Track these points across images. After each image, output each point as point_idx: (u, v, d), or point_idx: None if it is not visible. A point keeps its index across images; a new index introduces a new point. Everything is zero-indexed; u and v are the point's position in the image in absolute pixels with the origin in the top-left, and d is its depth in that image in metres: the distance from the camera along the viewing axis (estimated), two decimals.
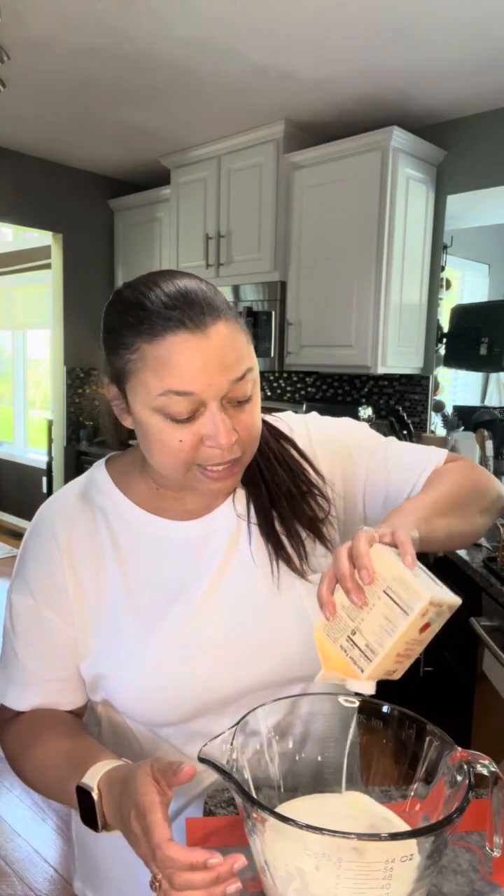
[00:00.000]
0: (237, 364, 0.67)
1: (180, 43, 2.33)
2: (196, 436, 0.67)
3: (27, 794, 2.27)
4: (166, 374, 0.65)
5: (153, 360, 0.65)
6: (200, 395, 0.65)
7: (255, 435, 0.71)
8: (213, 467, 0.69)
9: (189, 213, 3.42)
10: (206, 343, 0.64)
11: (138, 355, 0.66)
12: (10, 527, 5.63)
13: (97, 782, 0.62)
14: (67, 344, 3.91)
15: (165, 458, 0.69)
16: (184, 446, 0.67)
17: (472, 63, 2.38)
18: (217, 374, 0.65)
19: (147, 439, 0.70)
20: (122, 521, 0.78)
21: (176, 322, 0.64)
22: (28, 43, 2.37)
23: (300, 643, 0.75)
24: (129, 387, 0.68)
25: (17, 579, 0.79)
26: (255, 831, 0.54)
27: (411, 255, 2.82)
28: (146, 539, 0.77)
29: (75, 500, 0.80)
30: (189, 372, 0.64)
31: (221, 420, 0.66)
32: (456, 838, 0.67)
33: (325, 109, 2.85)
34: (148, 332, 0.65)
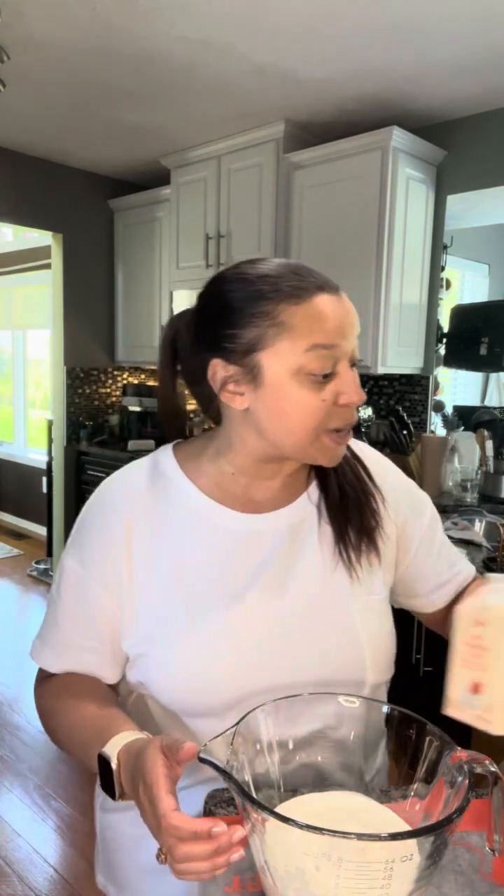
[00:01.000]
0: (357, 327, 0.74)
1: (180, 42, 2.33)
2: (334, 393, 0.71)
3: (27, 794, 2.27)
4: (316, 330, 0.70)
5: (300, 319, 0.70)
6: (339, 351, 0.71)
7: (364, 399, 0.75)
8: (338, 431, 0.73)
9: (189, 213, 3.42)
10: (343, 304, 0.72)
11: (281, 319, 0.70)
12: (10, 527, 5.64)
13: (117, 753, 0.64)
14: (67, 344, 3.91)
15: (301, 423, 0.72)
16: (323, 406, 0.71)
17: (472, 63, 2.38)
18: (350, 332, 0.72)
19: (282, 407, 0.72)
20: (185, 507, 0.79)
21: (316, 285, 0.71)
22: (28, 43, 2.37)
23: (347, 650, 0.77)
24: (267, 354, 0.71)
25: (72, 547, 0.82)
26: (254, 831, 0.54)
27: (411, 255, 2.82)
28: (208, 527, 0.78)
29: (141, 481, 0.81)
30: (334, 326, 0.70)
31: (353, 376, 0.73)
32: (456, 838, 0.67)
33: (325, 109, 2.85)
34: (292, 296, 0.71)
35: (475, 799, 0.71)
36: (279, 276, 0.72)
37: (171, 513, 0.79)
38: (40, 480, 5.11)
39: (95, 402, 4.11)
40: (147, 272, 3.85)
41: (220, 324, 0.74)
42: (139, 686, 0.80)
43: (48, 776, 2.37)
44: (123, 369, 4.24)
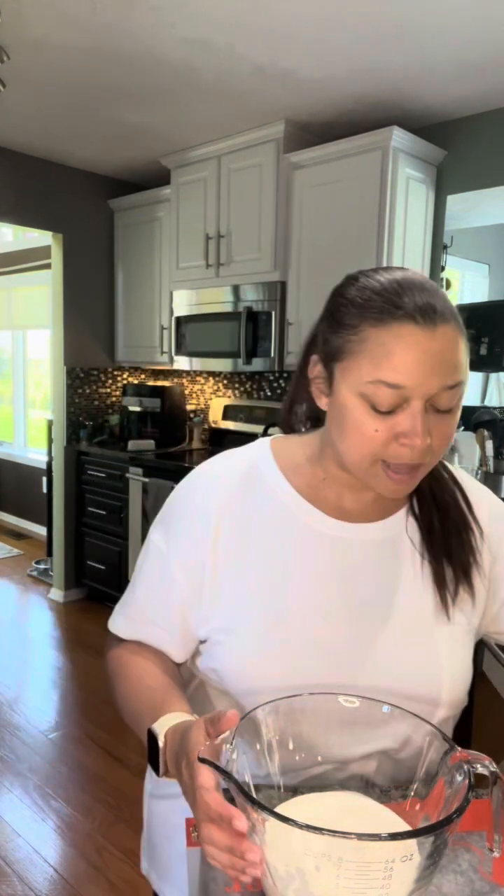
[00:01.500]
0: (454, 371, 0.66)
1: (180, 42, 2.33)
2: (392, 430, 0.67)
3: (27, 794, 2.27)
4: (384, 364, 0.65)
5: (374, 345, 0.65)
6: (409, 392, 0.65)
7: (445, 448, 0.71)
8: (398, 468, 0.69)
9: (189, 213, 3.42)
10: (431, 341, 0.64)
11: (360, 337, 0.67)
12: (11, 527, 5.64)
13: (165, 732, 0.65)
14: (67, 344, 3.91)
15: (355, 446, 0.69)
16: (378, 437, 0.67)
17: (472, 63, 2.38)
18: (432, 375, 0.65)
19: (343, 422, 0.70)
20: (277, 505, 0.79)
21: (406, 313, 0.65)
22: (28, 43, 2.37)
23: (427, 675, 0.76)
24: (341, 367, 0.69)
25: (160, 524, 0.83)
26: (254, 831, 0.54)
27: (411, 255, 2.82)
28: (298, 526, 0.78)
29: (236, 473, 0.81)
30: (406, 366, 0.64)
31: (422, 421, 0.66)
32: (456, 838, 0.67)
33: (325, 109, 2.85)
34: (375, 317, 0.66)
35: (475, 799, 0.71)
36: (380, 290, 0.67)
37: (262, 508, 0.78)
38: (40, 480, 5.11)
39: (95, 402, 4.11)
40: (147, 272, 3.85)
41: (323, 323, 0.74)
42: (209, 672, 0.81)
43: (48, 776, 2.37)
44: (123, 369, 4.24)
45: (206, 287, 3.40)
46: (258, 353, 3.16)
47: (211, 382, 4.04)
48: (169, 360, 3.70)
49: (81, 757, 2.49)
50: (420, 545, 0.78)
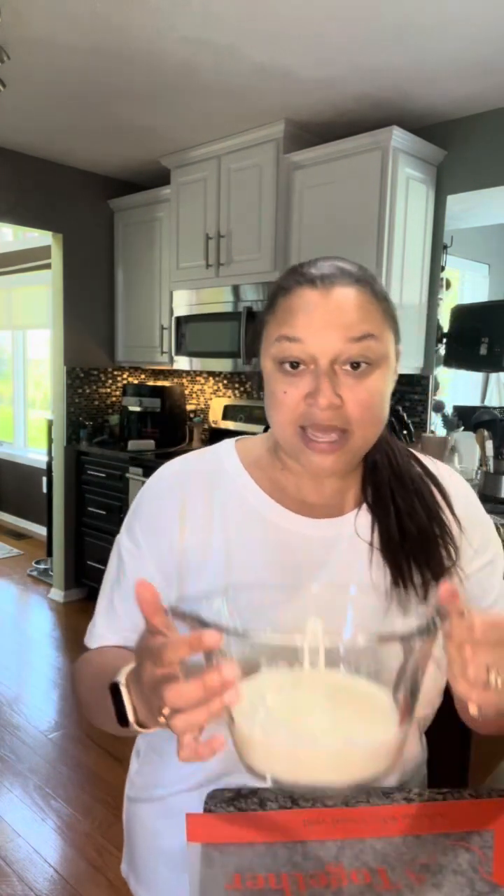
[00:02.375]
0: (356, 324, 0.68)
1: (180, 42, 2.33)
2: (300, 391, 0.69)
3: (27, 794, 2.27)
4: (283, 321, 0.70)
5: (280, 311, 0.72)
6: (310, 346, 0.68)
7: (368, 413, 0.70)
8: (315, 435, 0.70)
9: (189, 213, 3.42)
10: (325, 298, 0.69)
11: (272, 309, 0.73)
12: (10, 527, 5.64)
13: (124, 677, 0.62)
14: (67, 344, 3.91)
15: (275, 414, 0.72)
16: (287, 399, 0.70)
17: (472, 63, 2.38)
18: (329, 328, 0.68)
19: (266, 394, 0.74)
20: (240, 499, 0.79)
21: (308, 279, 0.70)
22: (28, 42, 2.37)
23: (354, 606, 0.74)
24: (263, 338, 0.75)
25: (126, 528, 0.83)
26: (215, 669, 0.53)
27: (411, 254, 2.82)
28: (259, 521, 0.78)
29: (199, 467, 0.82)
30: (302, 321, 0.69)
31: (326, 378, 0.68)
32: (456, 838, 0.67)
33: (325, 109, 2.85)
34: (283, 288, 0.72)
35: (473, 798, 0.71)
36: (294, 268, 0.73)
37: (225, 504, 0.79)
38: (40, 480, 5.11)
39: (95, 402, 4.11)
40: (147, 272, 3.85)
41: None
42: None
43: (48, 776, 2.37)
44: (123, 369, 4.24)
45: (206, 287, 3.40)
46: (258, 354, 3.15)
47: (211, 382, 4.04)
48: (169, 360, 3.70)
49: (81, 757, 2.49)
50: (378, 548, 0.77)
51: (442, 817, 0.69)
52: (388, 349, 0.72)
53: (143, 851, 0.88)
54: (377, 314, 0.71)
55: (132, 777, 0.92)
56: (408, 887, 0.60)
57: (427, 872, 0.63)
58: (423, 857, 0.64)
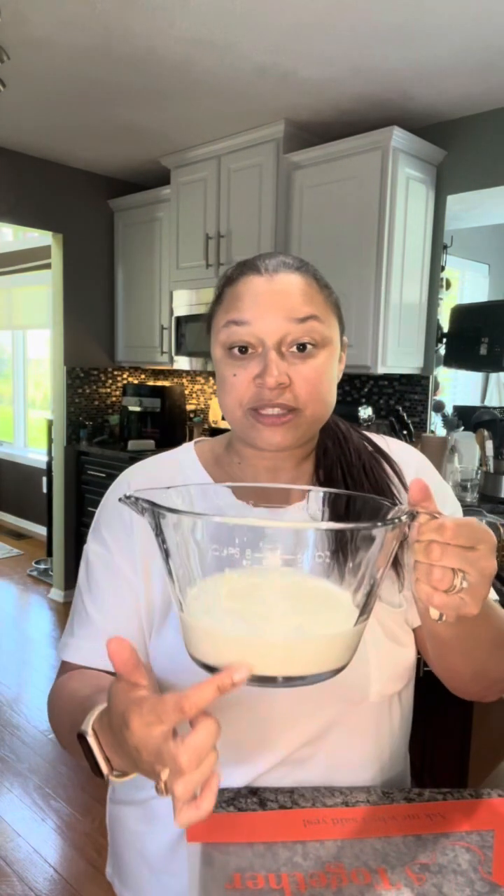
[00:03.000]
0: (300, 307, 0.72)
1: (180, 42, 2.33)
2: (249, 373, 0.72)
3: (27, 794, 2.27)
4: (230, 307, 0.73)
5: (228, 297, 0.75)
6: (257, 329, 0.71)
7: (315, 391, 0.73)
8: (264, 410, 0.72)
9: (189, 213, 3.42)
10: (270, 283, 0.72)
11: (220, 300, 0.76)
12: (10, 527, 5.64)
13: (91, 725, 0.58)
14: (67, 344, 3.91)
15: (225, 398, 0.74)
16: (238, 382, 0.72)
17: (472, 63, 2.38)
18: (275, 310, 0.71)
19: (217, 381, 0.76)
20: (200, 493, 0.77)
21: (254, 268, 0.74)
22: (28, 43, 2.37)
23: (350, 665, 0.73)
24: (211, 335, 0.77)
25: (93, 532, 0.83)
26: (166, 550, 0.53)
27: (411, 254, 2.82)
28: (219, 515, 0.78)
29: (161, 468, 0.84)
30: (247, 305, 0.72)
31: (273, 360, 0.71)
32: (456, 838, 0.67)
33: (325, 109, 2.85)
34: (230, 277, 0.76)
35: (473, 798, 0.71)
36: (241, 261, 0.77)
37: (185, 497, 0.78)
38: (40, 480, 5.11)
39: (95, 402, 4.11)
40: (147, 272, 3.85)
41: None
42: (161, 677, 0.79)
43: (48, 776, 2.37)
44: (123, 369, 4.24)
45: (206, 287, 3.40)
46: None
47: (211, 382, 4.04)
48: (169, 360, 3.70)
49: None
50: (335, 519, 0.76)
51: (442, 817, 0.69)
52: (332, 333, 0.75)
53: (127, 854, 0.89)
54: (320, 299, 0.75)
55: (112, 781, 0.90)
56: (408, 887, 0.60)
57: (427, 872, 0.62)
58: (423, 857, 0.64)
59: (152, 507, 0.52)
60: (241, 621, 0.52)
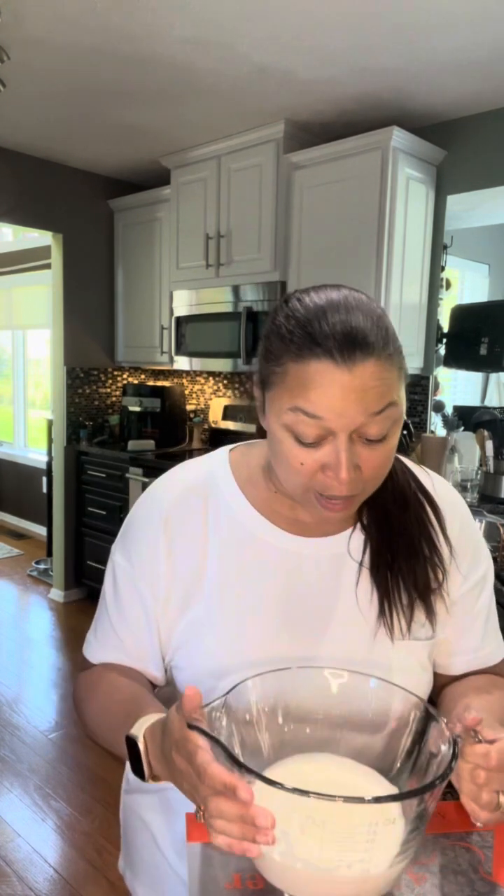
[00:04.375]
0: (378, 399, 0.64)
1: (180, 42, 2.33)
2: (317, 462, 0.66)
3: (27, 794, 2.27)
4: (298, 394, 0.64)
5: (293, 379, 0.65)
6: (329, 424, 0.64)
7: (381, 476, 0.70)
8: (329, 498, 0.68)
9: (189, 213, 3.42)
10: (348, 377, 0.63)
11: (283, 370, 0.66)
12: (10, 527, 5.64)
13: (143, 732, 0.64)
14: (67, 344, 3.91)
15: (285, 475, 0.70)
16: (304, 469, 0.67)
17: (472, 63, 2.38)
18: (352, 409, 0.64)
19: (275, 450, 0.70)
20: (232, 517, 0.78)
21: (324, 351, 0.63)
22: (28, 43, 2.37)
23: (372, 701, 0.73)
24: (270, 396, 0.69)
25: (120, 542, 0.83)
26: None
27: (411, 255, 2.82)
28: (251, 540, 0.77)
29: (190, 482, 0.81)
30: (324, 402, 0.63)
31: (346, 454, 0.65)
32: (456, 838, 0.67)
33: (325, 109, 2.85)
34: (295, 352, 0.65)
35: None
36: (302, 321, 0.65)
37: (217, 520, 0.78)
38: (40, 480, 5.11)
39: (95, 402, 4.11)
40: (147, 272, 3.85)
41: (261, 347, 0.72)
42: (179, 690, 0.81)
43: (48, 776, 2.37)
44: (123, 369, 4.24)
45: (206, 287, 3.40)
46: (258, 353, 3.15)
47: (211, 382, 4.04)
48: (169, 360, 3.70)
49: (81, 757, 2.49)
50: (368, 567, 0.76)
51: (442, 817, 0.69)
52: (404, 405, 0.69)
53: (139, 845, 0.88)
54: (395, 380, 0.66)
55: (127, 772, 0.92)
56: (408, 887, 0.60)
57: (427, 872, 0.63)
58: (423, 857, 0.64)
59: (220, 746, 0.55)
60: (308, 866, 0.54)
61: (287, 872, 0.55)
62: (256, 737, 0.66)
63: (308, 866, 0.53)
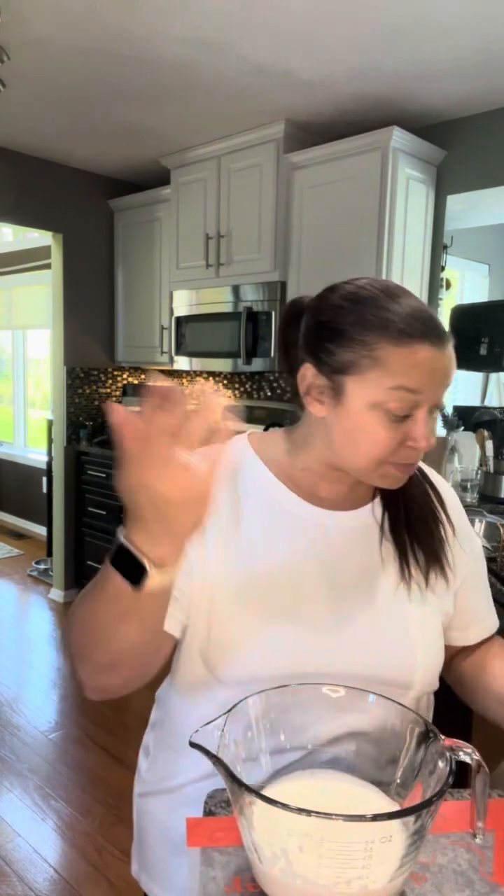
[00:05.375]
0: (451, 376, 0.77)
1: (180, 42, 2.33)
2: (403, 435, 0.74)
3: (27, 794, 2.27)
4: (402, 374, 0.72)
5: (395, 358, 0.72)
6: (422, 397, 0.73)
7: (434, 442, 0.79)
8: (407, 465, 0.77)
9: (189, 213, 3.42)
10: (443, 358, 0.74)
11: (378, 353, 0.73)
12: (10, 527, 5.64)
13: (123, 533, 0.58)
14: (67, 344, 3.91)
15: (366, 452, 0.75)
16: (390, 443, 0.74)
17: (472, 63, 2.38)
18: (441, 385, 0.75)
19: (353, 431, 0.76)
20: (257, 489, 0.83)
21: (421, 334, 0.73)
22: (28, 43, 2.37)
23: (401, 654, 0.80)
24: (353, 379, 0.74)
25: None
26: (243, 814, 0.55)
27: (411, 255, 2.82)
28: (277, 509, 0.82)
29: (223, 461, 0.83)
30: (426, 376, 0.73)
31: (427, 426, 0.75)
32: (456, 838, 0.67)
33: (325, 109, 2.85)
34: (394, 336, 0.72)
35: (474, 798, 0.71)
36: (398, 313, 0.73)
37: (247, 494, 0.82)
38: (40, 480, 5.11)
39: (95, 402, 4.11)
40: (147, 272, 3.85)
41: (322, 336, 0.77)
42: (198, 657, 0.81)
43: (48, 776, 2.37)
44: (123, 369, 4.24)
45: (206, 287, 3.40)
46: (258, 353, 3.16)
47: (211, 382, 4.04)
48: (169, 360, 3.70)
49: (81, 757, 2.49)
50: (389, 533, 0.84)
51: (442, 817, 0.69)
52: None
53: (156, 846, 0.89)
54: None
55: (142, 775, 0.92)
56: (408, 887, 0.60)
57: (427, 872, 0.63)
58: (423, 857, 0.64)
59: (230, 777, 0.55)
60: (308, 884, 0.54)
61: (287, 889, 0.55)
62: (257, 754, 0.67)
63: (307, 883, 0.53)
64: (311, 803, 0.51)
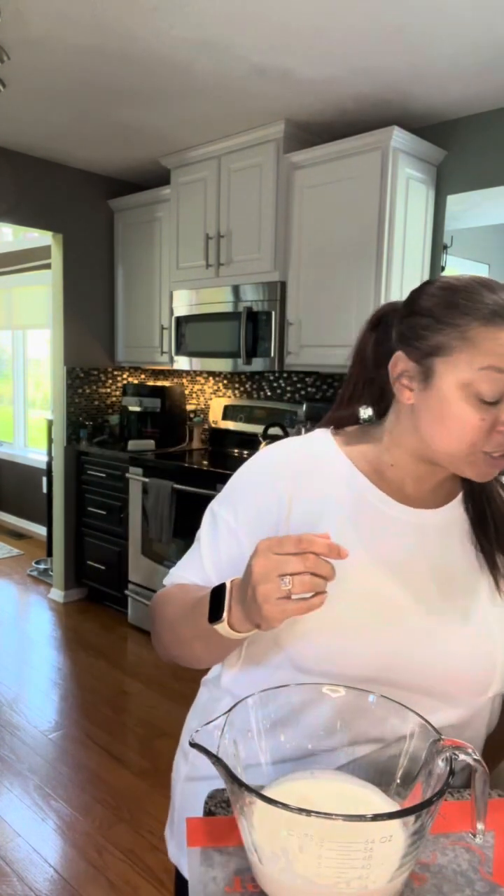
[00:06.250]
0: None
1: (180, 43, 2.33)
2: (494, 418, 0.74)
3: (27, 794, 2.27)
4: (493, 354, 0.72)
5: (486, 339, 0.73)
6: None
7: None
8: (495, 456, 0.76)
9: (189, 213, 3.42)
10: None
11: (469, 334, 0.73)
12: (10, 527, 5.64)
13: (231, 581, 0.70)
14: (67, 344, 3.91)
15: (456, 436, 0.75)
16: (482, 426, 0.74)
17: (472, 63, 2.38)
18: None
19: (443, 414, 0.75)
20: (347, 487, 0.83)
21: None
22: (28, 43, 2.37)
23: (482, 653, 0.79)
24: (443, 360, 0.75)
25: (225, 501, 0.86)
26: (243, 814, 0.55)
27: (411, 255, 2.82)
28: (367, 509, 0.82)
29: (302, 457, 0.85)
30: None
31: None
32: (455, 838, 0.67)
33: (325, 109, 2.85)
34: (487, 318, 0.73)
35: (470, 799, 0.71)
36: (490, 298, 0.74)
37: (333, 489, 0.82)
38: (40, 480, 5.11)
39: (95, 402, 4.11)
40: (147, 272, 3.85)
41: (414, 323, 0.78)
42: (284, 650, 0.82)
43: (48, 776, 2.37)
44: (123, 369, 4.24)
45: (206, 287, 3.40)
46: (258, 353, 3.16)
47: (211, 382, 4.04)
48: (169, 360, 3.70)
49: (81, 757, 2.49)
50: (473, 532, 0.84)
51: (442, 817, 0.69)
52: None
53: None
54: None
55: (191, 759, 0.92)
56: (408, 887, 0.60)
57: (427, 872, 0.63)
58: (423, 857, 0.64)
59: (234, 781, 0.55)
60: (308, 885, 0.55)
61: (287, 889, 0.55)
62: (257, 753, 0.67)
63: (307, 883, 0.53)
64: (311, 803, 0.51)
